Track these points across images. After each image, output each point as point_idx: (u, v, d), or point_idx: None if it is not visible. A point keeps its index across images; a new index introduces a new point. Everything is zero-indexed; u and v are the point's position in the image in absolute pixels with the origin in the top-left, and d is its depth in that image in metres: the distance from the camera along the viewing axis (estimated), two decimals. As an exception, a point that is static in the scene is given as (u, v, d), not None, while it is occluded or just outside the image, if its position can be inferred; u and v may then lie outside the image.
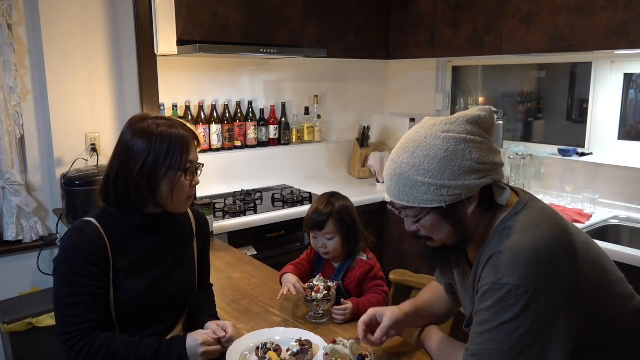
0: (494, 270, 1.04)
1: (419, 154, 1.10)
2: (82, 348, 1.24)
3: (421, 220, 1.14)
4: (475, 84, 3.54)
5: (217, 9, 2.65)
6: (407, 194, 1.11)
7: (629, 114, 2.80)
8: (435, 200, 1.09)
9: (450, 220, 1.12)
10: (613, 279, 1.15)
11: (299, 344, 1.32)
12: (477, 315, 1.08)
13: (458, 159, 1.08)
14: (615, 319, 1.13)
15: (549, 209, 1.16)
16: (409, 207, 1.13)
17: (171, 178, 1.31)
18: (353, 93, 3.72)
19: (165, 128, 1.32)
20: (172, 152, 1.30)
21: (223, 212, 2.59)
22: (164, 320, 1.41)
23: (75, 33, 2.47)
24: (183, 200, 1.36)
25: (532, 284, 1.00)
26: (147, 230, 1.38)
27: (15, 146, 2.44)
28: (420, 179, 1.09)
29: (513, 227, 1.09)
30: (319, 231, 1.74)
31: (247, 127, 3.16)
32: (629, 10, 2.30)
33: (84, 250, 1.28)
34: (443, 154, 1.08)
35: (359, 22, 3.23)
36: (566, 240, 1.08)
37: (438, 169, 1.08)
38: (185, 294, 1.46)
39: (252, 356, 1.34)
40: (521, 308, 1.00)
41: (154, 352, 1.28)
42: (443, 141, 1.09)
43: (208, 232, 1.60)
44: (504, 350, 1.02)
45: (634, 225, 2.49)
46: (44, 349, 2.22)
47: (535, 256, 1.02)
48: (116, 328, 1.34)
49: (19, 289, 2.50)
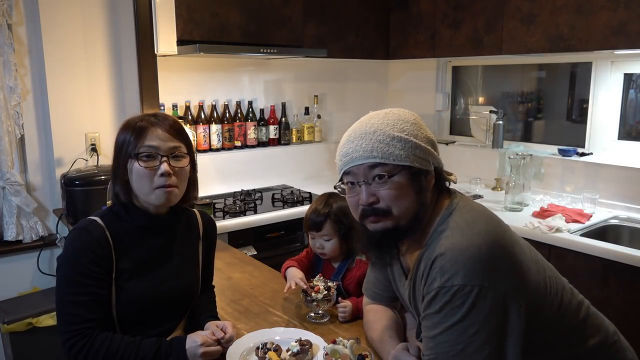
0: (439, 274, 1.04)
1: (390, 117, 1.14)
2: (82, 347, 1.24)
3: (393, 177, 1.09)
4: (475, 84, 3.54)
5: (217, 9, 2.65)
6: (382, 149, 1.09)
7: (629, 114, 2.80)
8: (409, 158, 1.09)
9: (416, 186, 1.11)
10: (549, 274, 1.16)
11: (299, 344, 1.32)
12: (426, 320, 1.08)
13: (424, 129, 1.15)
14: (556, 315, 1.13)
15: (479, 206, 1.18)
16: (381, 164, 1.09)
17: (130, 166, 1.30)
18: (353, 93, 3.72)
19: (133, 120, 1.32)
20: (127, 140, 1.30)
21: (223, 212, 2.59)
22: (165, 322, 1.41)
23: (75, 33, 2.47)
24: (149, 190, 1.30)
25: (477, 281, 1.00)
26: (152, 231, 1.37)
27: (15, 146, 2.44)
28: (397, 134, 1.10)
29: (449, 229, 1.09)
30: (317, 232, 1.74)
31: (247, 127, 3.16)
32: (629, 10, 2.30)
33: (87, 250, 1.27)
34: (412, 119, 1.15)
35: (359, 22, 3.23)
36: (502, 233, 1.10)
37: (411, 129, 1.12)
38: (188, 297, 1.45)
39: (252, 356, 1.34)
40: (469, 307, 1.00)
41: (153, 353, 1.27)
42: (408, 113, 1.16)
43: (215, 236, 1.57)
44: (457, 351, 1.01)
45: (634, 225, 2.49)
46: (44, 349, 2.22)
47: (477, 253, 1.02)
48: (117, 328, 1.34)
49: (19, 289, 2.50)
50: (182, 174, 1.34)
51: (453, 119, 3.63)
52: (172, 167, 1.31)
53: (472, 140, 3.46)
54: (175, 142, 1.32)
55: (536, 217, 2.53)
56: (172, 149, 1.31)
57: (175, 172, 1.32)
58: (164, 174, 1.28)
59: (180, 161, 1.33)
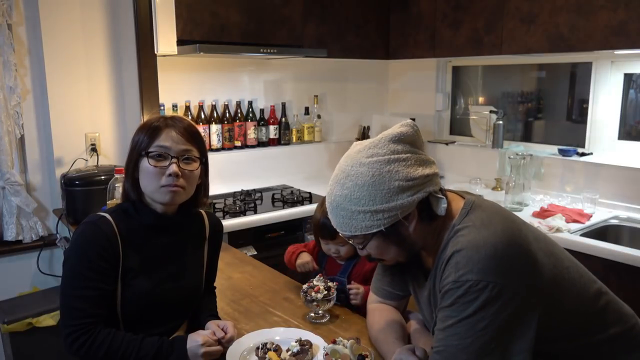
0: (454, 269, 1.06)
1: (348, 184, 1.13)
2: (84, 342, 1.25)
3: (367, 246, 1.17)
4: (475, 84, 3.54)
5: (217, 9, 2.65)
6: (347, 224, 1.14)
7: (629, 114, 2.80)
8: (374, 225, 1.12)
9: (394, 240, 1.15)
10: (567, 265, 1.17)
11: (299, 344, 1.32)
12: (439, 313, 1.10)
13: (385, 182, 1.10)
14: (574, 305, 1.14)
15: (496, 206, 1.20)
16: (353, 235, 1.16)
17: (140, 164, 1.33)
18: (353, 93, 3.73)
19: (150, 121, 1.36)
20: (141, 139, 1.33)
21: (223, 212, 2.59)
22: (169, 322, 1.41)
23: (76, 33, 2.47)
24: (155, 188, 1.32)
25: (491, 277, 1.02)
26: (160, 230, 1.38)
27: (15, 146, 2.44)
28: (354, 208, 1.12)
29: (466, 228, 1.11)
30: (332, 240, 1.73)
31: (247, 127, 3.16)
32: (629, 10, 2.30)
33: (96, 244, 1.28)
34: (370, 179, 1.10)
35: (359, 22, 3.23)
36: (518, 232, 1.11)
37: (368, 196, 1.10)
38: (191, 298, 1.46)
39: (252, 356, 1.34)
40: (482, 302, 1.02)
41: (155, 352, 1.28)
42: (368, 167, 1.11)
43: (221, 238, 1.57)
44: (466, 344, 1.03)
45: (634, 225, 2.49)
46: (44, 349, 2.22)
47: (492, 250, 1.04)
48: (120, 326, 1.34)
49: (19, 289, 2.50)
50: (191, 176, 1.35)
51: (453, 119, 3.63)
52: (182, 169, 1.32)
53: (472, 140, 3.46)
54: (188, 146, 1.34)
55: (536, 217, 2.53)
56: (183, 151, 1.33)
57: (184, 174, 1.33)
58: (172, 174, 1.30)
59: (191, 164, 1.34)
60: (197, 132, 1.38)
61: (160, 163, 1.31)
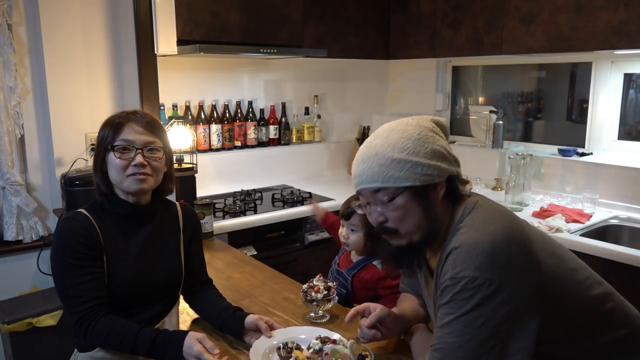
0: (452, 266, 1.06)
1: (393, 136, 1.15)
2: (87, 328, 1.30)
3: (394, 200, 1.12)
4: (475, 84, 3.54)
5: (217, 9, 2.65)
6: (382, 173, 1.12)
7: (629, 114, 2.80)
8: (410, 178, 1.11)
9: (423, 203, 1.13)
10: (571, 267, 1.16)
11: (320, 341, 1.32)
12: (438, 311, 1.10)
13: (430, 143, 1.14)
14: (579, 307, 1.13)
15: (499, 206, 1.20)
16: (383, 188, 1.13)
17: (107, 158, 1.39)
18: (353, 93, 3.72)
19: (112, 117, 1.42)
20: (106, 134, 1.39)
21: (223, 212, 2.59)
22: (151, 308, 1.45)
23: (75, 33, 2.47)
24: (122, 179, 1.38)
25: (488, 275, 1.01)
26: (135, 220, 1.44)
27: (15, 146, 2.44)
28: (396, 156, 1.12)
29: (466, 226, 1.11)
30: (346, 220, 1.76)
31: (247, 127, 3.16)
32: (629, 10, 2.30)
33: (76, 234, 1.33)
34: (416, 135, 1.14)
35: (359, 22, 3.23)
36: (519, 231, 1.11)
37: (413, 147, 1.12)
38: (172, 283, 1.51)
39: (273, 355, 1.35)
40: (479, 299, 1.01)
41: (150, 343, 1.31)
42: (415, 127, 1.16)
43: (196, 225, 1.62)
44: (463, 342, 1.02)
45: (634, 225, 2.49)
46: (44, 349, 2.22)
47: (491, 248, 1.04)
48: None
49: (19, 289, 2.50)
50: (156, 165, 1.41)
51: (453, 119, 3.63)
52: (147, 159, 1.38)
53: (472, 140, 3.46)
54: (151, 137, 1.40)
55: (536, 217, 2.53)
56: (147, 142, 1.39)
57: (150, 163, 1.39)
58: (137, 164, 1.36)
59: (155, 154, 1.41)
60: (159, 124, 1.46)
61: (125, 155, 1.37)
